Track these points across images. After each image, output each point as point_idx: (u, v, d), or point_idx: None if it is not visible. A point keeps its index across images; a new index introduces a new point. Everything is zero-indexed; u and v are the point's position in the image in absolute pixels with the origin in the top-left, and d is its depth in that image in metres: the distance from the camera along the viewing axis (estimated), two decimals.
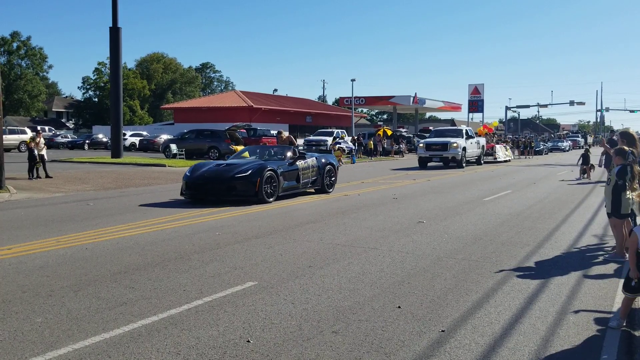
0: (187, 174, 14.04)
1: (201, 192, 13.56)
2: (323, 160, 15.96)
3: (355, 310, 5.49)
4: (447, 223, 10.73)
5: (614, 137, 25.71)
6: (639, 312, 5.58)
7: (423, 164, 29.95)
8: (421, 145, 31.15)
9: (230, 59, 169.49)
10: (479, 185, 18.85)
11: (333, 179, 16.39)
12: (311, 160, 15.40)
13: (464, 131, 31.88)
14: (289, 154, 15.09)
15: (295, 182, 14.67)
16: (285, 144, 16.87)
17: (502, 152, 37.76)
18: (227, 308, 5.51)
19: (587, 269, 7.32)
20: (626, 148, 7.86)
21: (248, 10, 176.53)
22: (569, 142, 72.21)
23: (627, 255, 7.75)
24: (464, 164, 29.84)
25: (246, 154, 16.06)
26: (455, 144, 29.43)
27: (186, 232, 9.64)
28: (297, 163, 14.80)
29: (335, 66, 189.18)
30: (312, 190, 15.77)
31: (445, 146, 29.51)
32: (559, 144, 68.24)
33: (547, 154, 56.22)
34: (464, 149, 30.00)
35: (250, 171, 13.38)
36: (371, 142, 40.97)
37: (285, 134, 18.33)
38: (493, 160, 36.33)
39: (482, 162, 33.38)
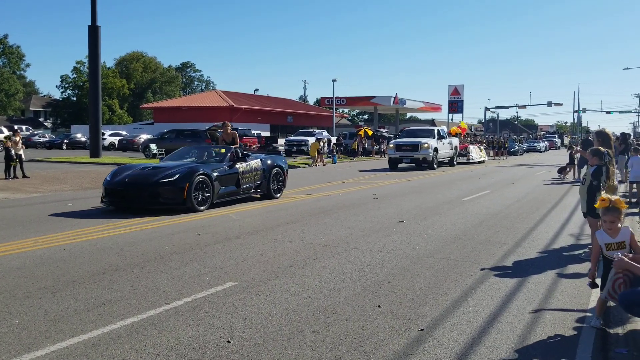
0: (107, 178, 12.39)
1: (121, 199, 11.96)
2: (269, 162, 14.54)
3: (336, 309, 5.51)
4: (427, 223, 10.81)
5: (590, 137, 26.17)
6: (614, 310, 5.67)
7: (393, 165, 28.68)
8: (391, 145, 29.87)
9: (211, 59, 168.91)
10: (459, 186, 19.00)
11: (281, 183, 14.94)
12: (255, 163, 13.99)
13: (435, 131, 30.76)
14: (229, 155, 13.51)
15: (234, 187, 13.20)
16: (229, 139, 14.99)
17: (475, 153, 36.72)
18: (207, 308, 5.49)
19: (563, 268, 7.43)
20: (602, 149, 7.99)
21: (229, 9, 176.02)
22: (546, 142, 71.31)
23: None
24: (435, 166, 28.61)
25: (189, 153, 14.45)
26: (426, 145, 28.22)
27: (166, 232, 9.58)
28: (237, 166, 13.33)
29: (316, 66, 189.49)
30: (258, 196, 14.44)
31: (416, 147, 28.30)
32: (535, 144, 66.90)
33: (522, 154, 54.64)
34: (436, 149, 28.84)
35: (177, 176, 11.80)
36: (356, 143, 40.63)
37: (229, 126, 15.80)
38: (466, 161, 35.25)
39: (454, 163, 32.34)
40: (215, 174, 12.55)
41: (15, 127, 41.64)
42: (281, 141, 47.02)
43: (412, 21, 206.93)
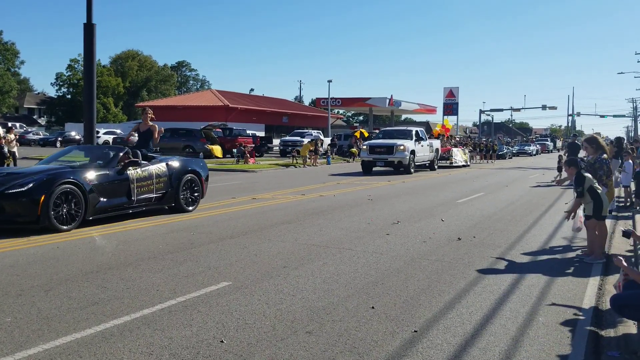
0: None
1: None
2: (178, 166, 11.85)
3: (329, 310, 5.52)
4: (421, 224, 10.83)
5: (577, 140, 26.28)
6: (606, 314, 5.71)
7: (367, 169, 26.34)
8: (364, 147, 27.32)
9: (207, 58, 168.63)
10: (453, 188, 19.04)
11: (197, 193, 12.20)
12: (157, 168, 11.29)
13: (413, 132, 28.20)
14: (120, 156, 10.78)
15: (125, 198, 10.48)
16: (144, 128, 12.20)
17: (459, 156, 34.33)
18: (201, 308, 5.49)
19: (556, 270, 7.46)
20: (579, 157, 8.24)
21: (225, 9, 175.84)
22: (537, 146, 69.35)
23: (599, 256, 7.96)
24: (412, 170, 26.10)
25: (73, 155, 11.79)
26: (402, 147, 25.74)
27: (160, 231, 9.57)
28: (129, 171, 10.62)
29: (312, 67, 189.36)
30: (167, 208, 11.81)
31: (391, 149, 25.80)
32: (526, 147, 64.13)
33: (511, 158, 52.15)
34: (413, 152, 26.43)
35: (30, 185, 9.06)
36: (356, 151, 39.67)
37: (150, 113, 12.60)
38: (449, 164, 32.78)
39: (435, 167, 29.67)
40: (93, 183, 9.84)
41: (9, 124, 41.38)
42: (276, 141, 47.01)
43: (407, 22, 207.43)
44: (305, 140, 38.15)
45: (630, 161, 14.95)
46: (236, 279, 6.56)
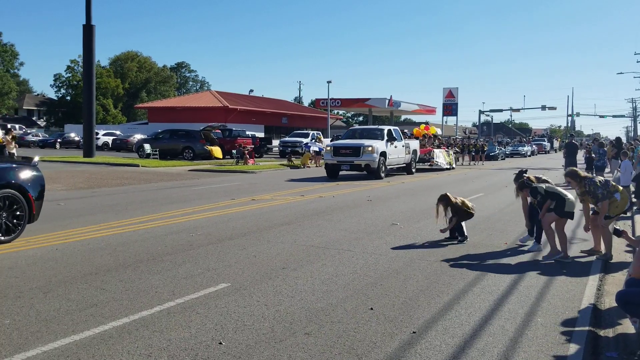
0: None
1: None
2: None
3: (328, 311, 5.52)
4: (420, 225, 10.83)
5: (574, 140, 26.51)
6: (605, 313, 5.71)
7: (332, 174, 23.07)
8: (328, 148, 24.08)
9: (206, 59, 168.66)
10: (453, 188, 19.00)
11: (18, 218, 8.56)
12: None
13: (385, 131, 24.38)
14: None
15: None
16: None
17: (442, 157, 30.83)
18: (200, 310, 5.49)
19: (555, 270, 7.46)
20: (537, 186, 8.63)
21: (224, 9, 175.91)
22: (533, 146, 65.07)
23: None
24: (382, 174, 22.81)
25: None
26: (370, 148, 22.46)
27: (159, 233, 9.56)
28: None
29: (311, 67, 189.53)
30: None
31: (357, 151, 22.49)
32: (520, 148, 59.90)
33: (503, 159, 49.09)
34: (384, 154, 23.09)
35: None
36: None
37: None
38: (429, 167, 29.72)
39: (413, 170, 26.55)
40: None
41: (9, 125, 41.49)
42: (276, 142, 47.00)
43: (407, 22, 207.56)
44: (304, 140, 38.41)
45: (628, 161, 14.96)
46: (235, 281, 6.56)
